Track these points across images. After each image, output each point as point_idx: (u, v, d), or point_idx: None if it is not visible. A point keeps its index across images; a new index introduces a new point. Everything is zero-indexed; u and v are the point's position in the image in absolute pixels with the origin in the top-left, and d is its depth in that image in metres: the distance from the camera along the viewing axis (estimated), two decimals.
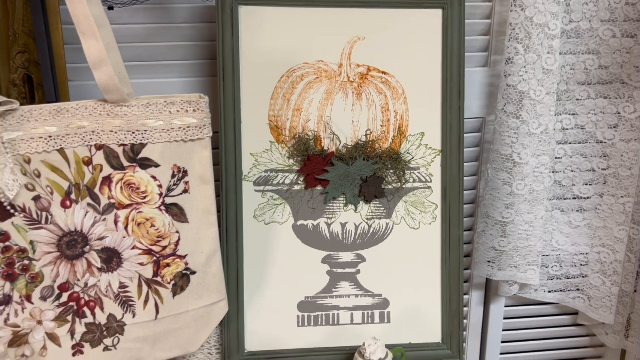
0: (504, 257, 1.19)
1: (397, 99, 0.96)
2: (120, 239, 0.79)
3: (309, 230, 0.97)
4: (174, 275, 0.83)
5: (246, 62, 0.93)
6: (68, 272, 0.79)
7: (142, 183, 0.78)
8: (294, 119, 0.95)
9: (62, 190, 0.76)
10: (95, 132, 0.75)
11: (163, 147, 0.77)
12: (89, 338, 0.81)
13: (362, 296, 0.99)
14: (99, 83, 0.72)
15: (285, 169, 0.96)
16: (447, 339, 0.99)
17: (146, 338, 0.84)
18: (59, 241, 0.77)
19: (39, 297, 0.78)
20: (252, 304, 0.97)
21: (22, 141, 0.72)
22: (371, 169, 0.96)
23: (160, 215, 0.80)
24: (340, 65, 0.95)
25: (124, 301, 0.81)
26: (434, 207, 0.98)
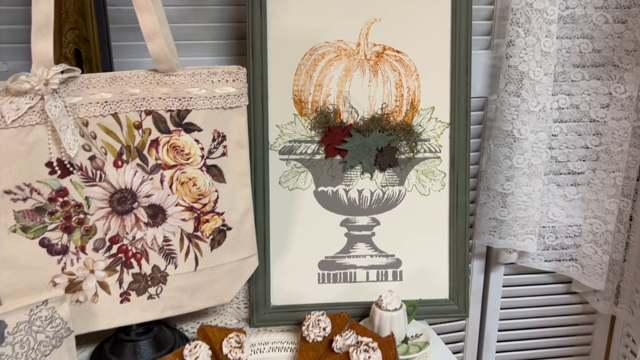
0: (504, 227, 1.29)
1: (410, 76, 1.05)
2: (165, 197, 0.88)
3: (329, 196, 1.06)
4: (213, 231, 0.92)
5: (273, 41, 1.01)
6: (118, 226, 0.87)
7: (186, 146, 0.87)
8: (316, 93, 1.04)
9: (115, 151, 0.84)
10: (146, 99, 0.84)
11: (206, 113, 0.86)
12: (135, 287, 0.90)
13: (376, 256, 1.08)
14: (152, 53, 0.80)
15: (307, 140, 1.05)
16: (454, 296, 1.08)
17: (186, 288, 0.92)
18: (111, 198, 0.86)
19: (92, 248, 0.87)
20: (278, 262, 1.06)
21: (81, 106, 0.81)
22: (386, 140, 1.05)
23: (202, 175, 0.89)
24: (358, 44, 1.04)
25: (167, 254, 0.90)
26: (442, 176, 1.08)
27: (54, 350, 0.83)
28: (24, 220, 0.82)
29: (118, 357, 0.92)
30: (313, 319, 0.95)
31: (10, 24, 1.00)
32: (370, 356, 0.86)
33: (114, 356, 0.93)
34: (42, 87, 0.76)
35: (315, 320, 0.95)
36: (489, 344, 1.48)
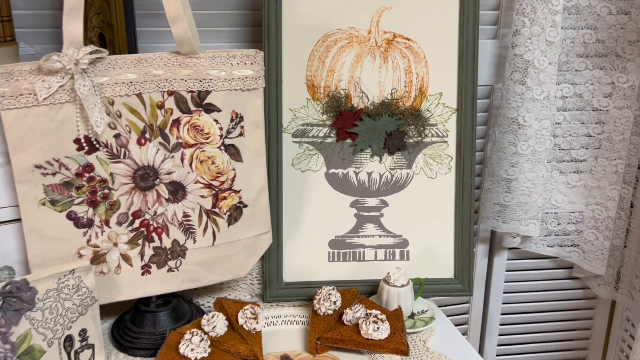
0: (508, 212, 1.33)
1: (419, 63, 1.09)
2: (185, 174, 0.93)
3: (340, 178, 1.11)
4: (230, 208, 0.96)
5: (287, 28, 1.05)
6: (141, 202, 0.92)
7: (206, 126, 0.91)
8: (328, 79, 1.08)
9: (139, 130, 0.89)
10: (168, 80, 0.88)
11: (225, 94, 0.90)
12: (156, 260, 0.95)
13: (385, 236, 1.12)
14: (175, 36, 0.84)
15: (319, 123, 1.09)
16: (459, 275, 1.13)
17: (204, 262, 0.97)
18: (134, 174, 0.90)
19: (115, 222, 0.91)
20: (290, 241, 1.10)
21: (108, 85, 0.85)
22: (395, 125, 1.09)
23: (220, 154, 0.93)
24: (369, 31, 1.08)
25: (186, 229, 0.95)
26: (449, 159, 1.12)
27: (80, 317, 0.87)
28: (52, 194, 0.87)
29: (138, 327, 0.97)
30: (324, 293, 0.99)
31: (36, 9, 1.05)
32: (379, 327, 0.91)
33: (134, 326, 0.97)
34: (73, 66, 0.80)
35: (326, 294, 0.99)
36: (492, 326, 1.52)
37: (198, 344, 0.87)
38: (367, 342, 0.91)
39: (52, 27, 1.07)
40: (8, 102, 0.80)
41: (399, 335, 0.92)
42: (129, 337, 0.96)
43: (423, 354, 0.96)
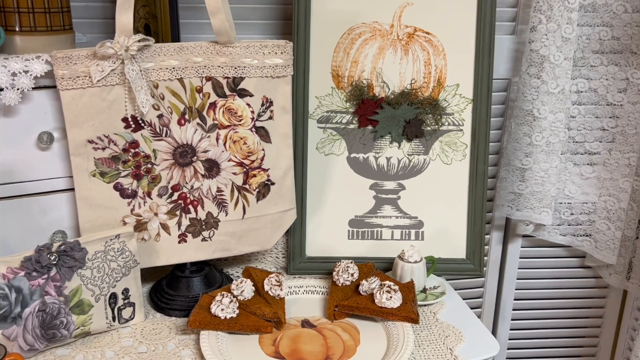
0: (522, 200, 1.39)
1: (438, 56, 1.17)
2: (219, 153, 1.02)
3: (360, 162, 1.19)
4: (259, 185, 1.05)
5: (315, 22, 1.14)
6: (179, 176, 1.02)
7: (239, 109, 1.01)
8: (352, 69, 1.16)
9: (179, 111, 0.99)
10: (207, 66, 0.97)
11: (257, 81, 0.99)
12: (191, 230, 1.05)
13: (401, 218, 1.20)
14: (214, 27, 0.94)
15: (342, 111, 1.17)
16: (471, 256, 1.20)
17: (234, 233, 1.07)
18: (174, 151, 1.00)
19: (156, 194, 1.02)
20: (313, 218, 1.19)
21: (153, 70, 0.95)
22: (414, 113, 1.17)
23: (251, 135, 1.02)
24: (391, 25, 1.15)
25: (219, 202, 1.04)
26: (464, 147, 1.19)
27: (123, 277, 0.98)
28: (102, 167, 0.97)
29: (174, 291, 1.07)
30: (343, 266, 1.08)
31: (89, 1, 1.16)
32: (391, 296, 0.99)
33: (170, 290, 1.08)
34: (123, 52, 0.90)
35: (344, 266, 1.08)
36: (505, 311, 1.59)
37: (228, 305, 0.96)
38: (381, 310, 0.99)
39: (102, 18, 1.18)
40: (67, 83, 0.91)
41: (410, 305, 1.00)
42: (165, 299, 1.06)
43: (433, 324, 1.04)
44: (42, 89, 0.93)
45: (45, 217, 0.99)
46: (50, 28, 0.95)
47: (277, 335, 0.98)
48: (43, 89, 0.94)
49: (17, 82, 0.88)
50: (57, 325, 0.91)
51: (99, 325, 0.96)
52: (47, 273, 0.89)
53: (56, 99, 0.95)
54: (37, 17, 0.93)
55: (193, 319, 0.95)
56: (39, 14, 0.93)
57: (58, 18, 0.95)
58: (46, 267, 0.89)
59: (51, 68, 0.91)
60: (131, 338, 0.98)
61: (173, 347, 0.95)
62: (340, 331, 1.00)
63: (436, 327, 1.03)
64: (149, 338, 0.98)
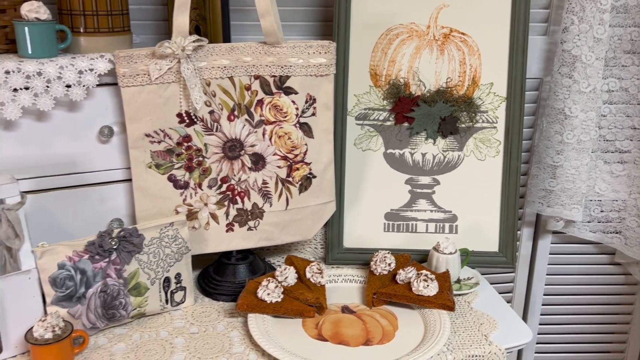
0: (553, 197, 1.43)
1: (473, 55, 1.21)
2: (265, 147, 1.08)
3: (396, 157, 1.24)
4: (301, 178, 1.11)
5: (355, 23, 1.19)
6: (228, 169, 1.08)
7: (284, 106, 1.07)
8: (389, 68, 1.21)
9: (229, 108, 1.05)
10: (255, 65, 1.04)
11: (302, 79, 1.05)
12: (238, 220, 1.11)
13: (436, 212, 1.25)
14: (263, 28, 1.00)
15: (380, 108, 1.23)
16: (503, 249, 1.24)
17: (278, 224, 1.12)
18: (224, 145, 1.07)
19: (207, 185, 1.08)
20: (350, 211, 1.24)
21: (206, 69, 1.02)
22: (449, 111, 1.21)
23: (296, 131, 1.08)
24: (428, 26, 1.20)
25: (265, 194, 1.11)
26: (498, 144, 1.23)
27: (176, 263, 1.05)
28: (157, 159, 1.04)
29: (221, 277, 1.14)
30: (380, 256, 1.13)
31: (141, 4, 1.23)
32: (428, 285, 1.04)
33: (217, 276, 1.14)
34: (180, 52, 0.97)
35: (382, 256, 1.13)
36: (534, 306, 1.62)
37: (273, 290, 1.02)
38: (418, 298, 1.04)
39: (154, 20, 1.25)
40: (127, 80, 0.98)
41: (446, 293, 1.05)
42: (213, 284, 1.13)
43: (467, 312, 1.08)
44: (103, 86, 1.01)
45: (104, 205, 1.07)
46: (112, 29, 1.02)
47: (319, 320, 1.04)
48: (105, 86, 1.01)
49: (83, 80, 0.95)
50: (116, 305, 0.98)
51: (153, 307, 1.03)
52: (108, 257, 0.96)
53: (116, 96, 1.02)
54: (100, 19, 1.00)
55: (241, 303, 1.01)
56: (102, 16, 1.00)
57: (119, 20, 1.03)
58: (108, 251, 0.96)
59: (113, 66, 0.98)
60: (183, 320, 1.04)
61: (222, 329, 1.02)
62: (378, 317, 1.05)
63: (471, 315, 1.07)
64: (199, 320, 1.04)
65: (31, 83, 0.92)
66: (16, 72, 0.91)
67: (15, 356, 0.93)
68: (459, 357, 0.95)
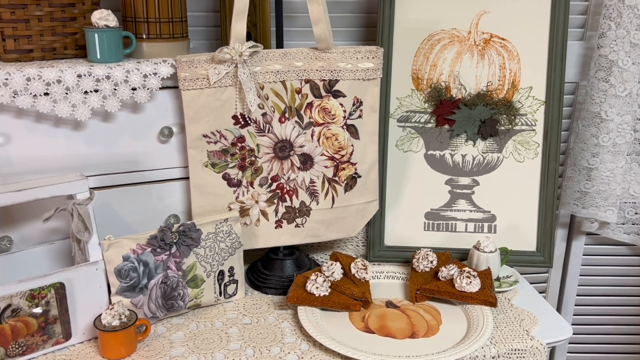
0: (588, 198, 1.45)
1: (512, 60, 1.25)
2: (314, 148, 1.13)
3: (437, 158, 1.28)
4: (347, 177, 1.16)
5: (398, 29, 1.24)
6: (278, 169, 1.13)
7: (333, 108, 1.12)
8: (431, 72, 1.26)
9: (280, 110, 1.10)
10: (306, 70, 1.09)
11: (350, 83, 1.10)
12: (286, 217, 1.16)
13: (475, 212, 1.29)
14: (316, 35, 1.05)
15: (421, 111, 1.27)
16: (541, 249, 1.27)
17: (323, 221, 1.17)
18: (275, 146, 1.12)
19: (258, 184, 1.13)
20: (391, 210, 1.29)
21: (260, 74, 1.07)
22: (489, 113, 1.25)
23: (343, 132, 1.13)
24: (469, 32, 1.24)
25: (312, 192, 1.16)
26: (536, 146, 1.27)
27: (229, 257, 1.10)
28: (213, 158, 1.10)
29: (269, 271, 1.19)
30: (422, 253, 1.17)
31: (195, 11, 1.29)
32: (471, 281, 1.08)
33: (265, 270, 1.19)
34: (237, 57, 1.02)
35: (424, 254, 1.17)
36: (567, 307, 1.64)
37: (322, 284, 1.07)
38: (461, 294, 1.08)
39: (206, 26, 1.31)
40: (188, 84, 1.04)
41: (488, 290, 1.09)
42: (262, 278, 1.18)
43: (508, 309, 1.12)
44: (164, 89, 1.07)
45: (162, 202, 1.12)
46: (172, 36, 1.08)
47: (365, 313, 1.08)
48: (165, 89, 1.07)
49: (148, 83, 1.01)
50: (175, 296, 1.03)
51: (208, 298, 1.09)
52: (169, 250, 1.02)
53: (176, 98, 1.08)
54: (162, 26, 1.06)
55: (292, 295, 1.06)
56: (163, 23, 1.06)
57: (179, 27, 1.09)
58: (169, 244, 1.01)
59: (175, 71, 1.04)
60: (235, 311, 1.09)
61: (273, 320, 1.07)
62: (422, 312, 1.09)
63: (511, 312, 1.11)
64: (251, 312, 1.09)
65: (100, 86, 0.98)
66: (87, 75, 0.97)
67: (82, 342, 0.99)
68: (502, 351, 0.99)
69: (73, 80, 0.96)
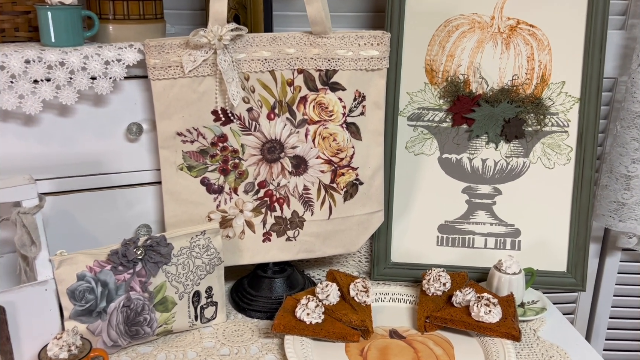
0: (626, 210, 1.27)
1: (542, 50, 1.07)
2: (308, 149, 0.97)
3: (453, 163, 1.11)
4: (346, 184, 1.00)
5: (410, 13, 1.07)
6: (266, 173, 0.98)
7: (330, 103, 0.95)
8: (447, 64, 1.09)
9: (269, 105, 0.95)
10: (299, 58, 0.93)
11: (350, 74, 0.94)
12: (276, 229, 1.00)
13: (496, 225, 1.12)
14: (309, 16, 0.89)
15: (435, 108, 1.10)
16: (573, 269, 1.10)
17: (319, 234, 1.01)
18: (262, 146, 0.96)
19: (243, 190, 0.98)
20: (399, 222, 1.12)
21: (245, 62, 0.92)
22: (514, 112, 1.08)
23: (342, 131, 0.97)
24: (492, 17, 1.07)
25: (305, 201, 1.00)
26: (569, 150, 1.09)
27: (207, 275, 0.95)
28: (189, 160, 0.94)
29: (256, 291, 1.03)
30: (434, 274, 1.01)
31: None
32: (490, 310, 0.91)
33: (252, 290, 1.04)
34: (216, 42, 0.86)
35: (436, 275, 1.00)
36: (599, 330, 1.46)
37: (314, 310, 0.91)
38: (478, 325, 0.92)
39: (190, 9, 1.16)
40: (158, 72, 0.88)
41: (510, 320, 0.92)
42: (247, 299, 1.03)
43: (533, 342, 0.95)
44: (133, 79, 0.92)
45: (131, 210, 0.98)
46: (143, 17, 0.93)
47: (364, 345, 0.92)
48: (134, 79, 0.92)
49: (110, 71, 0.86)
50: (140, 322, 0.88)
51: (181, 323, 0.93)
52: (132, 268, 0.87)
53: (146, 90, 0.93)
54: (130, 5, 0.91)
55: (278, 323, 0.91)
56: (132, 2, 0.91)
57: (151, 6, 0.93)
58: (132, 261, 0.86)
59: (143, 57, 0.89)
60: (213, 339, 0.94)
61: (256, 351, 0.91)
62: (432, 344, 0.93)
63: (538, 346, 0.94)
64: (231, 340, 0.94)
65: (53, 74, 0.83)
66: (37, 61, 0.82)
67: None
68: None
69: (19, 67, 0.81)
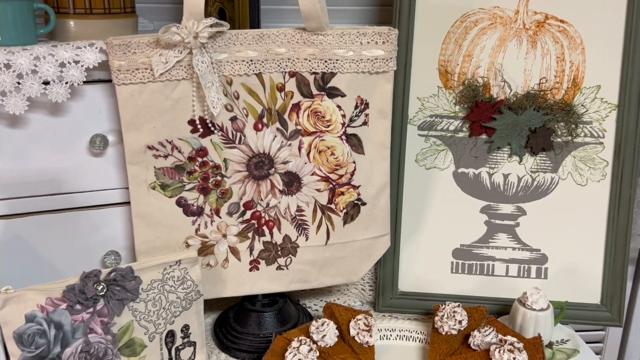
0: None
1: (575, 49, 0.93)
2: (302, 165, 0.84)
3: (470, 178, 0.97)
4: (347, 205, 0.86)
5: (421, 6, 0.93)
6: (253, 192, 0.84)
7: (327, 112, 0.82)
8: (464, 65, 0.95)
9: (256, 114, 0.81)
10: (291, 59, 0.79)
11: (351, 77, 0.80)
12: (265, 256, 0.87)
13: (519, 249, 0.98)
14: (302, 9, 0.75)
15: (450, 115, 0.96)
16: (608, 301, 0.96)
17: (315, 262, 0.88)
18: (249, 161, 0.83)
19: (226, 212, 0.84)
20: (408, 245, 0.99)
21: (227, 63, 0.78)
22: (541, 120, 0.94)
23: (341, 144, 0.83)
24: (516, 12, 0.93)
25: (299, 224, 0.86)
26: (604, 165, 0.95)
27: (183, 312, 0.81)
28: (163, 178, 0.81)
29: (242, 327, 0.90)
30: (448, 310, 0.87)
31: None
32: (515, 357, 0.77)
33: (238, 325, 0.90)
34: (192, 40, 0.73)
35: (450, 311, 0.87)
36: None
37: (306, 355, 0.78)
38: None
39: (172, 3, 1.03)
40: (124, 76, 0.75)
41: None
42: (232, 336, 0.89)
43: None
44: (96, 83, 0.79)
45: (97, 234, 0.85)
46: (109, 10, 0.80)
47: None
48: (97, 83, 0.79)
49: (66, 75, 0.73)
50: None
51: None
52: (92, 306, 0.74)
53: (112, 96, 0.80)
54: None
55: None
56: None
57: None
58: (92, 299, 0.73)
59: (106, 58, 0.75)
60: None
61: None
62: None
63: None
64: None
65: None
66: None
67: None
68: None
69: None
